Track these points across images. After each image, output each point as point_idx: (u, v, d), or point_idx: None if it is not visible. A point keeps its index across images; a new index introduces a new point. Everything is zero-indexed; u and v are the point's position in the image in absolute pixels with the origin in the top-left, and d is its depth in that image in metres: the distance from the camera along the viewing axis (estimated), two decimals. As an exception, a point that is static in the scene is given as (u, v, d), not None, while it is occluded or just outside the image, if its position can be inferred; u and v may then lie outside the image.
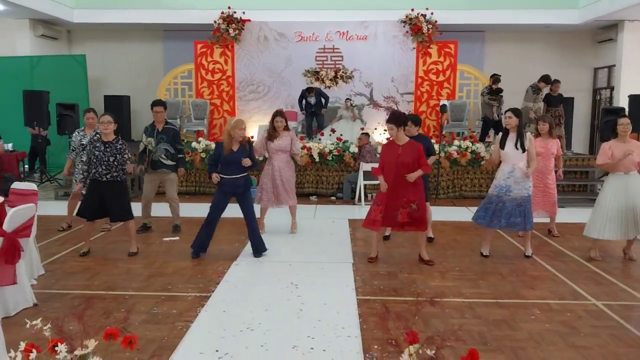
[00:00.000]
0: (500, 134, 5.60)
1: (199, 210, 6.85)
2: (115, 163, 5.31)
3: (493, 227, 5.56)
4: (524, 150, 5.38)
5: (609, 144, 5.48)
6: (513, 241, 6.29)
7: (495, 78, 10.27)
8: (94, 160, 5.30)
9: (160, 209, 6.94)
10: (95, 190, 5.36)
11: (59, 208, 7.98)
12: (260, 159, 7.04)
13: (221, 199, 5.44)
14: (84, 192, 5.80)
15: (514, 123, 5.39)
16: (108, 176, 5.31)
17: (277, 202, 6.38)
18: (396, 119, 5.13)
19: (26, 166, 10.65)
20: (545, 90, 10.20)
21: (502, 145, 5.47)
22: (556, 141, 6.33)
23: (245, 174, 5.45)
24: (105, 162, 5.28)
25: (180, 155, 6.50)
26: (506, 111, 5.56)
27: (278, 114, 6.35)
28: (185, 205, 7.48)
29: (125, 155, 5.38)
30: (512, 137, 5.43)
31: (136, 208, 5.93)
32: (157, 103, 6.46)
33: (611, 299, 4.41)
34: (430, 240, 6.21)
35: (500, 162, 5.59)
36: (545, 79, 10.03)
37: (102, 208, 5.38)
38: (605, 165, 5.46)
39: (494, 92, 10.21)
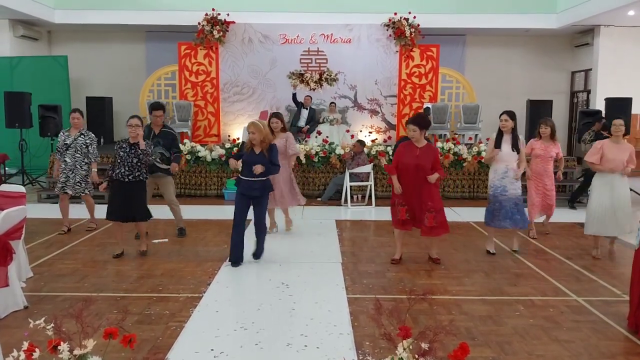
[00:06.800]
0: (495, 133, 5.74)
1: (184, 212, 6.85)
2: (138, 164, 5.38)
3: (500, 227, 5.70)
4: (518, 151, 5.58)
5: (602, 143, 5.64)
6: (496, 240, 6.43)
7: (604, 124, 8.30)
8: (118, 161, 5.39)
9: (155, 212, 6.88)
10: (118, 190, 5.43)
11: (42, 211, 7.92)
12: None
13: (239, 202, 5.28)
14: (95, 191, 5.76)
15: (510, 126, 5.58)
16: (130, 177, 5.37)
17: (275, 203, 6.35)
18: (420, 121, 5.20)
19: (7, 168, 10.48)
20: None
21: (498, 145, 5.61)
22: (557, 145, 6.42)
23: (264, 178, 5.23)
24: (128, 164, 5.36)
25: (176, 153, 6.37)
26: (501, 114, 5.66)
27: (273, 115, 6.38)
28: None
29: (151, 157, 5.50)
30: (507, 139, 5.61)
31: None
32: (156, 107, 6.30)
33: (591, 295, 4.57)
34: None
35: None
36: None
37: (128, 208, 5.42)
38: (592, 166, 5.64)
39: (599, 138, 8.22)
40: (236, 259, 5.30)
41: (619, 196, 5.54)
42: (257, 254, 5.49)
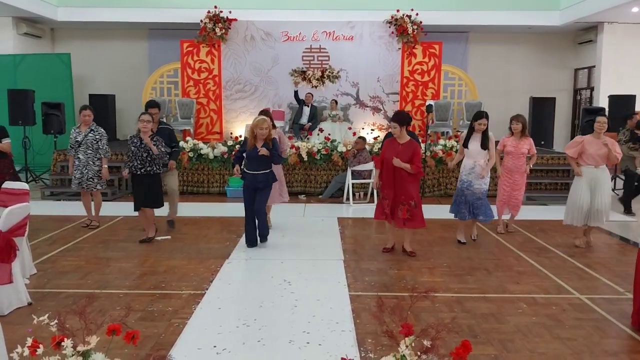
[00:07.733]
0: (465, 131, 6.06)
1: (187, 209, 6.89)
2: (149, 158, 5.71)
3: (463, 218, 6.01)
4: (486, 148, 5.85)
5: (583, 137, 5.90)
6: (498, 238, 6.44)
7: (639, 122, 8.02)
8: (130, 155, 5.79)
9: (156, 210, 6.90)
10: (135, 183, 5.91)
11: (46, 208, 7.95)
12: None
13: (247, 194, 5.71)
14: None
15: (484, 128, 5.83)
16: (142, 170, 5.76)
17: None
18: (400, 118, 5.44)
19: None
20: None
21: (466, 144, 5.93)
22: (529, 141, 6.36)
23: (267, 171, 5.63)
24: (139, 157, 5.73)
25: (175, 149, 6.50)
26: (480, 118, 5.83)
27: (262, 113, 6.43)
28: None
29: (162, 149, 5.82)
30: (475, 137, 5.88)
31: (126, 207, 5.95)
32: (151, 105, 6.38)
33: (594, 293, 4.57)
34: None
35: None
36: None
37: (144, 196, 5.86)
38: (569, 159, 5.96)
39: (637, 140, 7.96)
40: (251, 241, 5.81)
41: (598, 190, 5.79)
42: (262, 236, 5.86)
